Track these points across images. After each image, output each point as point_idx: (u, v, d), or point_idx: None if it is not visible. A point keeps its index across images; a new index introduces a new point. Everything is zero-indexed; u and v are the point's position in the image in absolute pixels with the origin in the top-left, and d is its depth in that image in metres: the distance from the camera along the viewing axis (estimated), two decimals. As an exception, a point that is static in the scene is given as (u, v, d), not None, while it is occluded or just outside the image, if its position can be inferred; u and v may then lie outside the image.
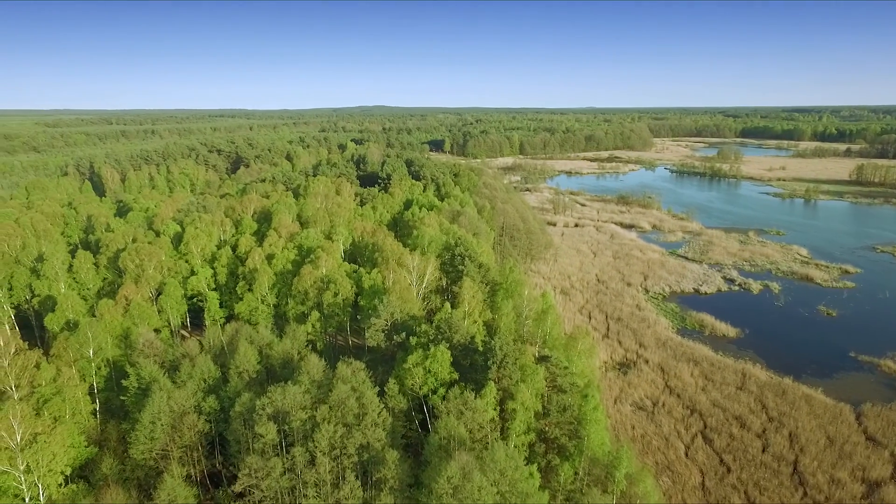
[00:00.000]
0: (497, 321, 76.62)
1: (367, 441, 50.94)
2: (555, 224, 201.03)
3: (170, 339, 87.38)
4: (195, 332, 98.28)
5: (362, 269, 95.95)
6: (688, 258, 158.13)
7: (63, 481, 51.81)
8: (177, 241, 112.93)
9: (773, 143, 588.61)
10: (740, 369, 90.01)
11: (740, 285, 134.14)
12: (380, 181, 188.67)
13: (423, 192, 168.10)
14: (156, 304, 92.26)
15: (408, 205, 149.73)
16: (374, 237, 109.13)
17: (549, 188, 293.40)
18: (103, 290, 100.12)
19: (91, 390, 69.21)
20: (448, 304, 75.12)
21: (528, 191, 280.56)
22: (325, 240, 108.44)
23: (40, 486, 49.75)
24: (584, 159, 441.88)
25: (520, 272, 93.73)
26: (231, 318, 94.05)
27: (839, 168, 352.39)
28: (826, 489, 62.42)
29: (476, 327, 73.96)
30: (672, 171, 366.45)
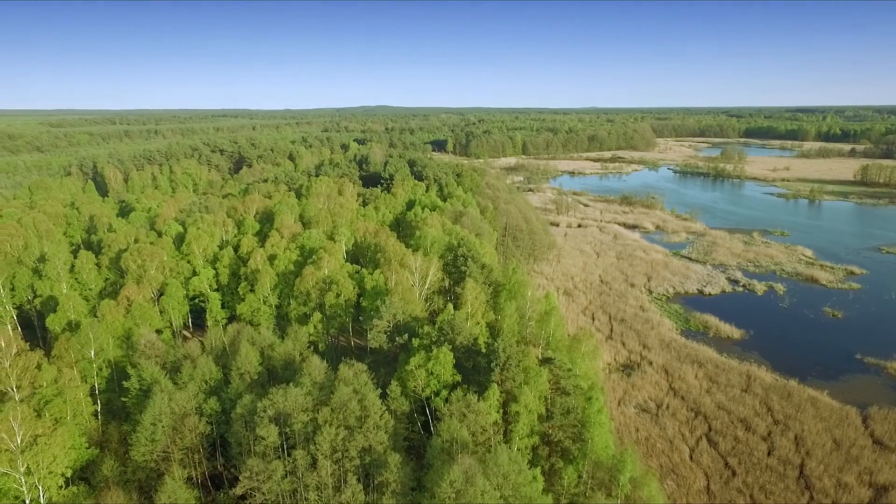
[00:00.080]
0: (500, 322, 76.08)
1: (368, 444, 50.53)
2: (558, 224, 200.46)
3: (171, 340, 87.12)
4: (197, 333, 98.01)
5: (364, 269, 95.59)
6: (691, 259, 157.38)
7: (63, 483, 51.52)
8: (179, 241, 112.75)
9: (776, 143, 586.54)
10: (745, 371, 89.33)
11: (744, 286, 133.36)
12: (382, 181, 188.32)
13: (426, 192, 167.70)
14: (157, 304, 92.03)
15: (410, 205, 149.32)
16: (377, 238, 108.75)
17: (552, 188, 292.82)
18: (105, 290, 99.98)
19: (92, 391, 68.98)
20: (451, 306, 74.66)
21: (530, 191, 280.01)
22: (327, 240, 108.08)
23: (41, 488, 49.48)
24: (587, 159, 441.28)
25: (523, 273, 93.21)
26: (233, 319, 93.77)
27: (844, 168, 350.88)
28: (833, 493, 61.79)
29: (479, 329, 73.50)
30: (675, 172, 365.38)
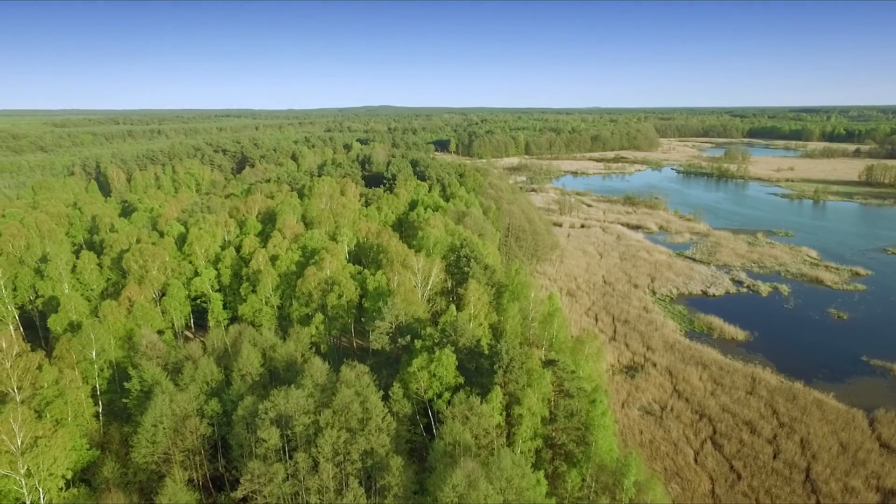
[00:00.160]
0: (503, 324, 75.59)
1: (370, 447, 50.13)
2: (561, 225, 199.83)
3: (173, 341, 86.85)
4: (199, 333, 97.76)
5: (367, 270, 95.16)
6: (695, 260, 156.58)
7: (64, 485, 51.24)
8: (181, 241, 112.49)
9: (780, 143, 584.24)
10: (750, 373, 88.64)
11: (749, 287, 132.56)
12: (385, 181, 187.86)
13: (429, 192, 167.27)
14: (159, 305, 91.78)
15: (413, 205, 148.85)
16: (379, 238, 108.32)
17: (554, 188, 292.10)
18: (107, 290, 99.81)
19: (94, 392, 68.75)
20: (453, 307, 74.25)
21: (533, 191, 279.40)
22: (329, 241, 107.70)
23: (41, 489, 49.20)
24: (590, 159, 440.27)
25: (526, 274, 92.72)
26: (235, 320, 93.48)
27: (848, 169, 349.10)
28: (840, 497, 61.13)
29: (482, 330, 73.01)
30: (679, 172, 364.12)
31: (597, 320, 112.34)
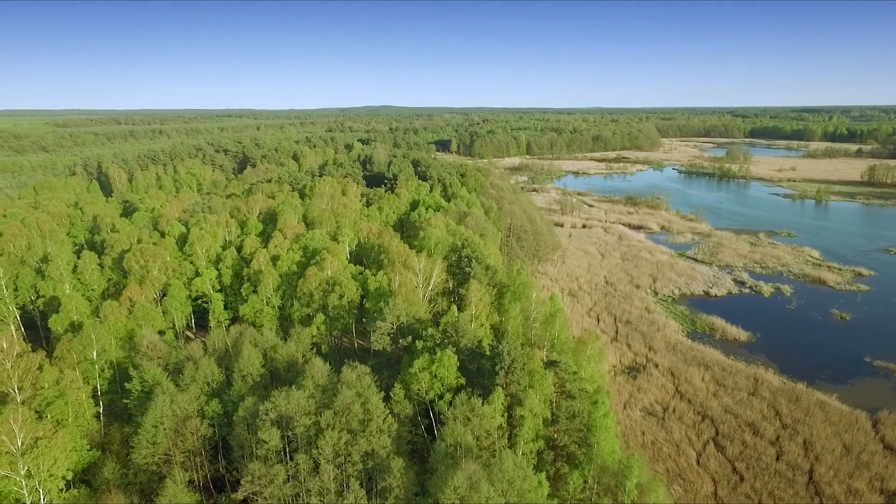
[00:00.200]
0: (504, 324, 75.34)
1: (371, 448, 49.89)
2: (562, 225, 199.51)
3: (174, 341, 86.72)
4: (200, 334, 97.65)
5: (368, 270, 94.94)
6: (697, 260, 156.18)
7: (64, 486, 51.09)
8: (182, 241, 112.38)
9: (782, 143, 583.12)
10: (752, 374, 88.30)
11: (751, 288, 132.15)
12: (386, 181, 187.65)
13: (430, 192, 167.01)
14: (160, 305, 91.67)
15: (414, 205, 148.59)
16: (380, 238, 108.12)
17: (556, 189, 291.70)
18: (108, 291, 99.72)
19: (94, 393, 68.60)
20: (455, 308, 73.98)
21: (535, 191, 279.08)
22: (330, 241, 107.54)
23: (41, 490, 49.03)
24: (592, 160, 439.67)
25: (527, 274, 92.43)
26: (236, 320, 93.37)
27: (850, 169, 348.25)
28: (843, 500, 60.79)
29: (483, 331, 72.81)
30: (680, 172, 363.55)
31: (598, 321, 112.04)
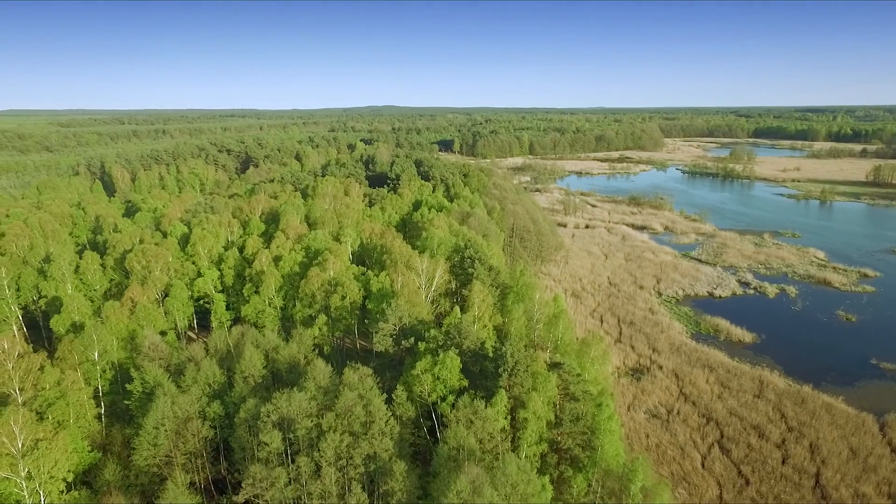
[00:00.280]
0: (507, 326, 74.88)
1: (373, 451, 49.48)
2: (565, 225, 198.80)
3: (175, 342, 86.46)
4: (202, 334, 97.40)
5: (370, 271, 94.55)
6: (701, 260, 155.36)
7: (65, 488, 50.81)
8: (184, 242, 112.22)
9: (786, 143, 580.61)
10: (757, 376, 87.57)
11: (756, 289, 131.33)
12: (389, 181, 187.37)
13: (433, 192, 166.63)
14: (162, 306, 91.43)
15: (417, 206, 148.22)
16: (383, 239, 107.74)
17: (559, 189, 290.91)
18: (110, 291, 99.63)
19: (96, 394, 68.39)
20: (457, 309, 73.48)
21: (538, 191, 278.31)
22: (332, 241, 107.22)
23: (42, 492, 48.76)
24: (595, 160, 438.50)
25: (530, 275, 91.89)
26: (238, 321, 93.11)
27: (855, 169, 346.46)
28: (850, 504, 60.11)
29: (486, 332, 72.34)
30: (684, 172, 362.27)
31: (602, 322, 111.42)
